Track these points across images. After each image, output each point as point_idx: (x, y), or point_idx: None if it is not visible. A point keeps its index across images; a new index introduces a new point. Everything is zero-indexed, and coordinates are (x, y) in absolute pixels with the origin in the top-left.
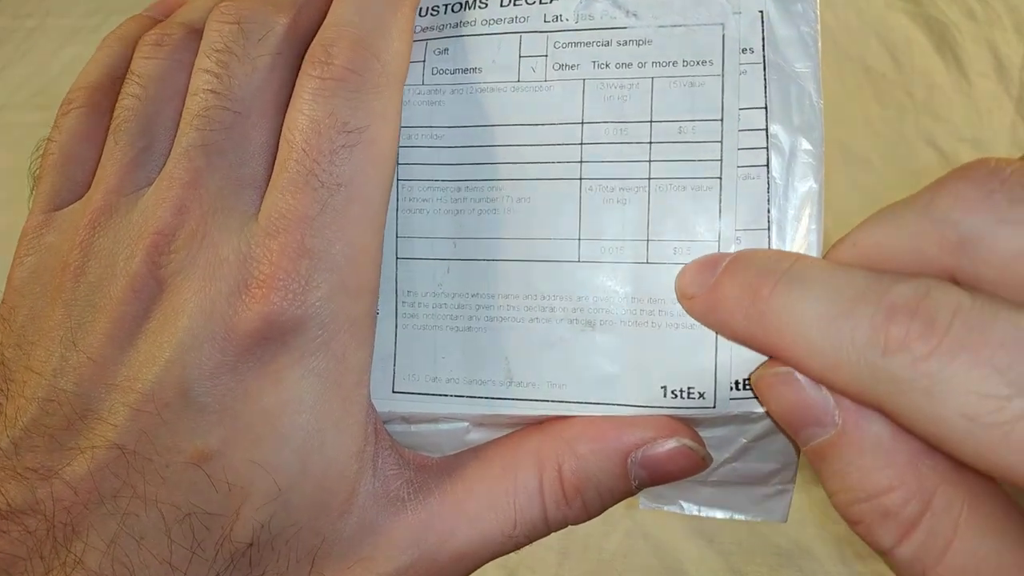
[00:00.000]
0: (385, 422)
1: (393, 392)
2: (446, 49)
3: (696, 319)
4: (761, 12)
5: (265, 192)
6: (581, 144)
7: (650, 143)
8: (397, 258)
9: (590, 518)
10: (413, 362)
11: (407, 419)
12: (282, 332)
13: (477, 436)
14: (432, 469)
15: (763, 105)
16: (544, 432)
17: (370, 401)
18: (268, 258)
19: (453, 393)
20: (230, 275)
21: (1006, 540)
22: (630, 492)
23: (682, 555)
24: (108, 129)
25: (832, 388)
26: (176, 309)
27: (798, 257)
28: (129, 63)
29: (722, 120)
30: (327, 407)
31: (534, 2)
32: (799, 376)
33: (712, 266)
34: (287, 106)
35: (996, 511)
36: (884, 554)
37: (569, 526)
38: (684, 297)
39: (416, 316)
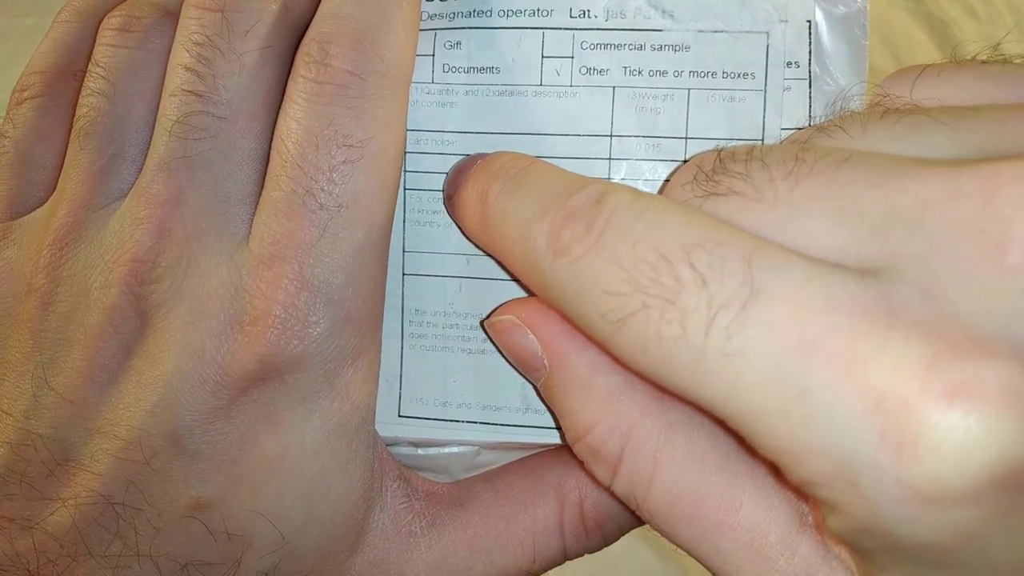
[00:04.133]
0: (389, 445)
1: (399, 416)
2: (458, 43)
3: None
4: (809, 22)
5: (256, 209)
6: (609, 159)
7: (685, 162)
8: (404, 274)
9: (609, 545)
10: (421, 385)
11: (414, 443)
12: (280, 372)
13: (487, 459)
14: (444, 499)
15: (807, 126)
16: (564, 462)
17: (376, 434)
18: (262, 291)
19: (465, 419)
20: (220, 310)
21: (706, 466)
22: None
23: (685, 558)
24: (69, 125)
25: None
26: (161, 347)
27: (532, 162)
28: (92, 43)
29: (763, 141)
30: (332, 450)
31: None
32: (516, 320)
33: (469, 165)
34: (278, 107)
35: (698, 439)
36: (610, 493)
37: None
38: (445, 197)
39: (424, 336)
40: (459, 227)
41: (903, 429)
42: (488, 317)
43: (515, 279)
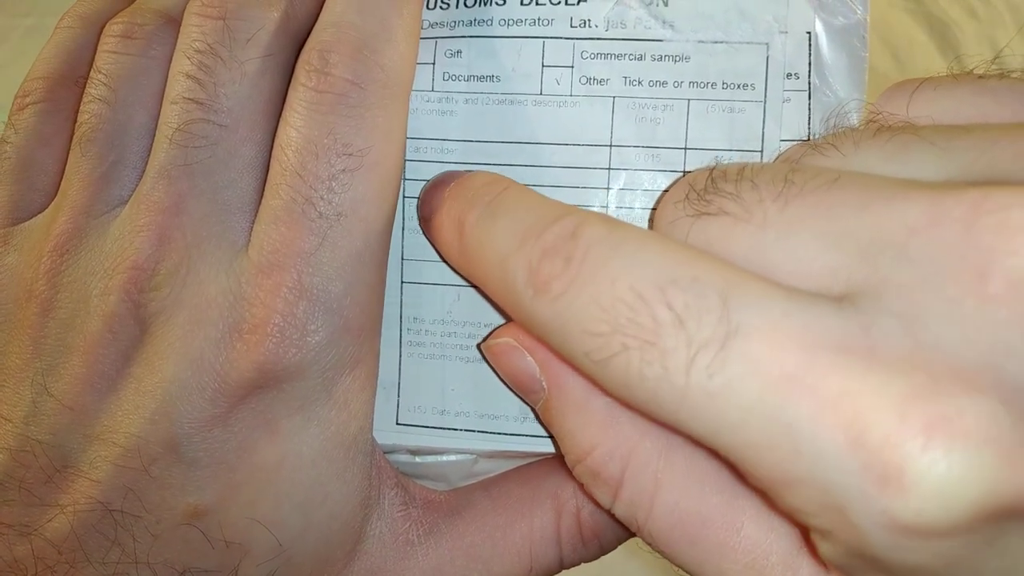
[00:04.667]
0: (387, 453)
1: (397, 424)
2: (459, 51)
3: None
4: (809, 33)
5: (255, 217)
6: (608, 169)
7: (684, 172)
8: (402, 282)
9: (606, 554)
10: (419, 393)
11: (412, 451)
12: (278, 380)
13: (485, 467)
14: (441, 507)
15: (806, 137)
16: (561, 471)
17: (374, 442)
18: (261, 299)
19: (463, 427)
20: (219, 318)
21: (706, 488)
22: None
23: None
24: (71, 131)
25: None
26: (160, 355)
27: (508, 185)
28: (94, 49)
29: (762, 152)
30: (329, 458)
31: (559, 2)
32: (513, 343)
33: (443, 185)
34: (279, 116)
35: (698, 461)
36: (610, 515)
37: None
38: (420, 218)
39: (423, 345)
40: (437, 252)
41: (885, 463)
42: (485, 340)
43: None
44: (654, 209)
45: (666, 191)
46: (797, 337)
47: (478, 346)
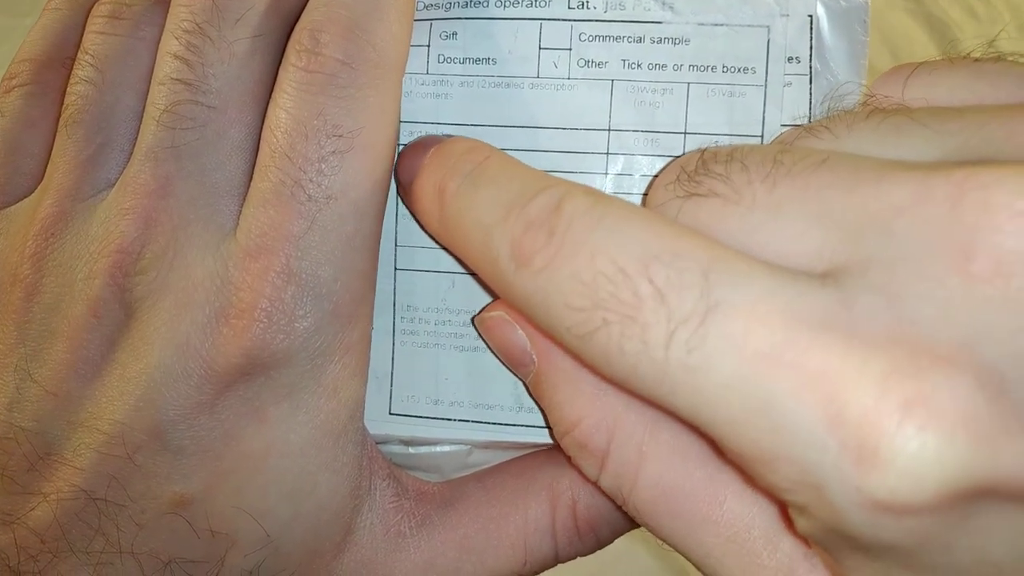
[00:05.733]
0: (380, 443)
1: (390, 414)
2: (454, 33)
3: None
4: (810, 17)
5: (244, 200)
6: (607, 154)
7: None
8: (396, 269)
9: (602, 548)
10: (413, 383)
11: (405, 441)
12: (266, 367)
13: (480, 458)
14: (434, 499)
15: (807, 122)
16: (557, 462)
17: (365, 430)
18: (248, 283)
19: (457, 417)
20: (205, 302)
21: (690, 461)
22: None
23: (683, 558)
24: (57, 114)
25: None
26: (146, 340)
27: (490, 153)
28: (81, 31)
29: (762, 137)
30: (318, 447)
31: None
32: (506, 316)
33: (422, 149)
34: (269, 97)
35: (682, 434)
36: (596, 487)
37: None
38: (398, 184)
39: (416, 333)
40: (415, 219)
41: (862, 440)
42: (479, 313)
43: None
44: (646, 194)
45: (658, 174)
46: (778, 314)
47: (472, 320)
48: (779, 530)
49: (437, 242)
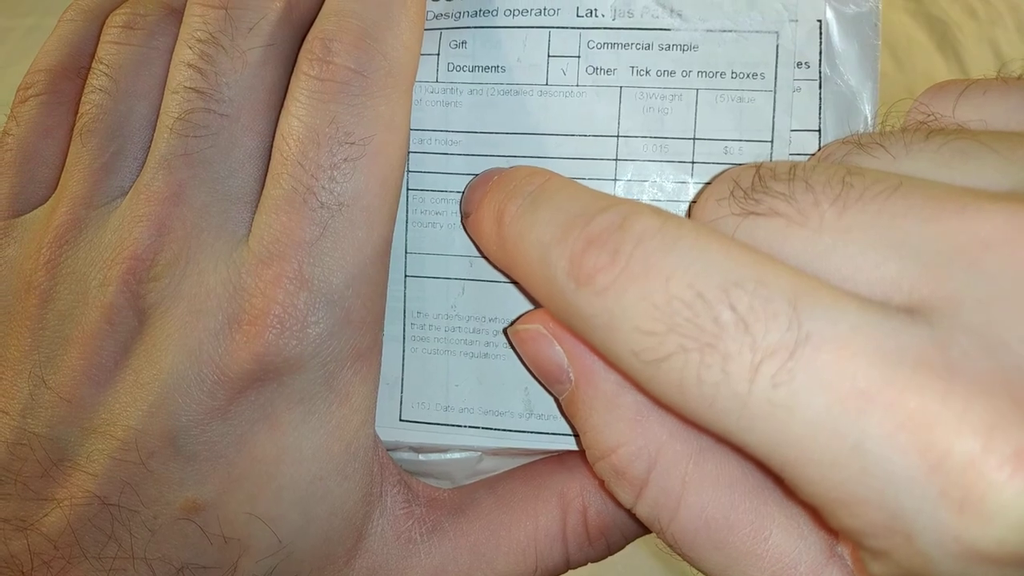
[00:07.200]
0: (390, 450)
1: (400, 420)
2: (464, 42)
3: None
4: (820, 22)
5: (256, 208)
6: (616, 160)
7: (692, 163)
8: (406, 276)
9: (613, 553)
10: (423, 389)
11: (415, 448)
12: (278, 373)
13: (490, 465)
14: (445, 505)
15: (816, 127)
16: (567, 468)
17: (376, 436)
18: (261, 290)
19: (467, 424)
20: (218, 309)
21: (736, 493)
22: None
23: (684, 561)
24: (72, 123)
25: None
26: (159, 346)
27: (550, 176)
28: (96, 41)
29: (772, 142)
30: (330, 453)
31: None
32: (543, 330)
33: (486, 181)
34: (281, 105)
35: (727, 463)
36: (630, 515)
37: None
38: (463, 215)
39: (427, 340)
40: (478, 250)
41: (967, 490)
42: (512, 324)
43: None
44: (693, 203)
45: (705, 188)
46: (872, 351)
47: (504, 331)
48: (826, 565)
49: (500, 270)
